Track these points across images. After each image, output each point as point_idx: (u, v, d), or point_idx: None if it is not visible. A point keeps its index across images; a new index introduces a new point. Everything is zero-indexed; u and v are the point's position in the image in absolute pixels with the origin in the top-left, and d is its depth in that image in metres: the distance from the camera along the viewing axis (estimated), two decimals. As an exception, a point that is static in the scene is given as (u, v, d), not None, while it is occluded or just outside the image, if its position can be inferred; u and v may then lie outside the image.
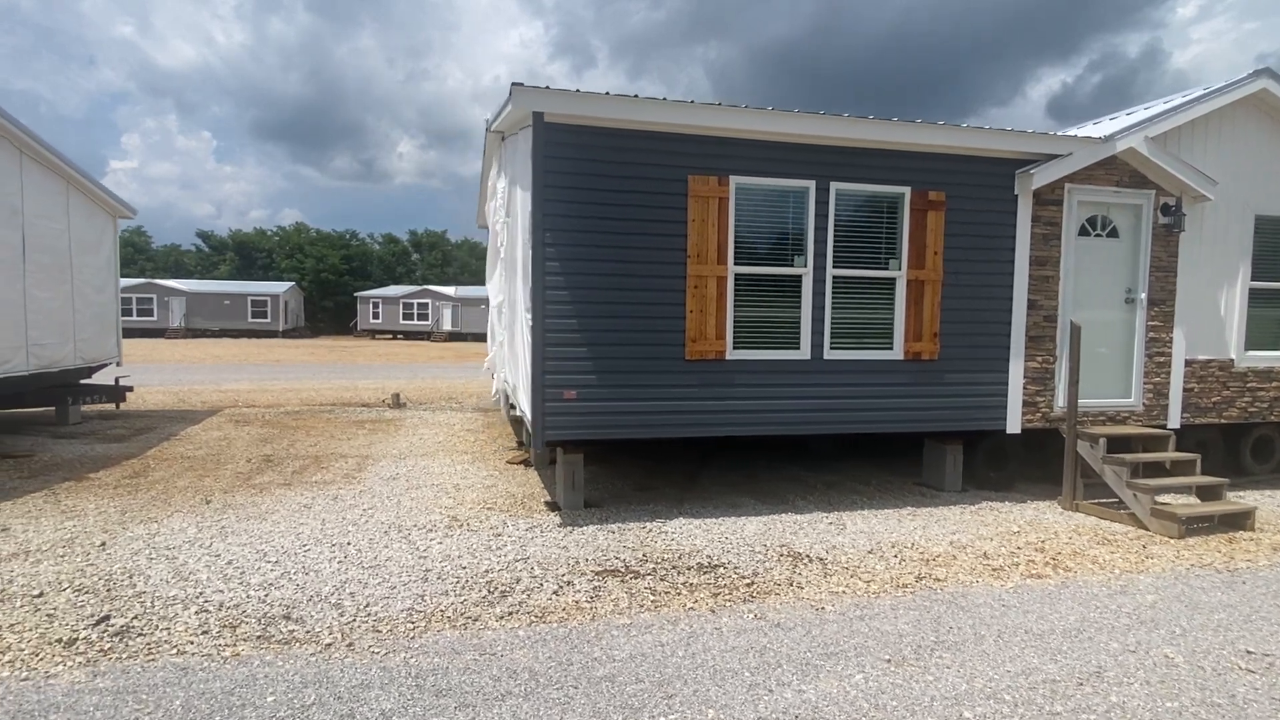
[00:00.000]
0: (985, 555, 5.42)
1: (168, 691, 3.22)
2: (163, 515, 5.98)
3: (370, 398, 14.33)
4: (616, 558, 5.18)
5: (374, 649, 3.69)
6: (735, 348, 6.49)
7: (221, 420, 11.19)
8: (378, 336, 48.18)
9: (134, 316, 42.43)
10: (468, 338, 45.52)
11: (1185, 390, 7.65)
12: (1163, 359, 7.55)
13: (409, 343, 43.32)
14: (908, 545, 5.62)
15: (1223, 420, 7.87)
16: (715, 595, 4.53)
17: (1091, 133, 7.60)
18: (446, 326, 47.34)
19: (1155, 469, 6.87)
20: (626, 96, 5.88)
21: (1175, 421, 7.61)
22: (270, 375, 19.39)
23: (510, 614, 4.18)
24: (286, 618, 4.03)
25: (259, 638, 3.78)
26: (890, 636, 3.98)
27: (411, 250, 71.09)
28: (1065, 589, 4.79)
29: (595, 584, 4.67)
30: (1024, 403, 7.17)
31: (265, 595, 4.33)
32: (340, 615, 4.08)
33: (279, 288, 47.64)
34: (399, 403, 13.33)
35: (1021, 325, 7.10)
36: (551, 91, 5.75)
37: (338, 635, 3.84)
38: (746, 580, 4.79)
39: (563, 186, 5.97)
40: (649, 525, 6.00)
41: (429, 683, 3.36)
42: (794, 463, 8.71)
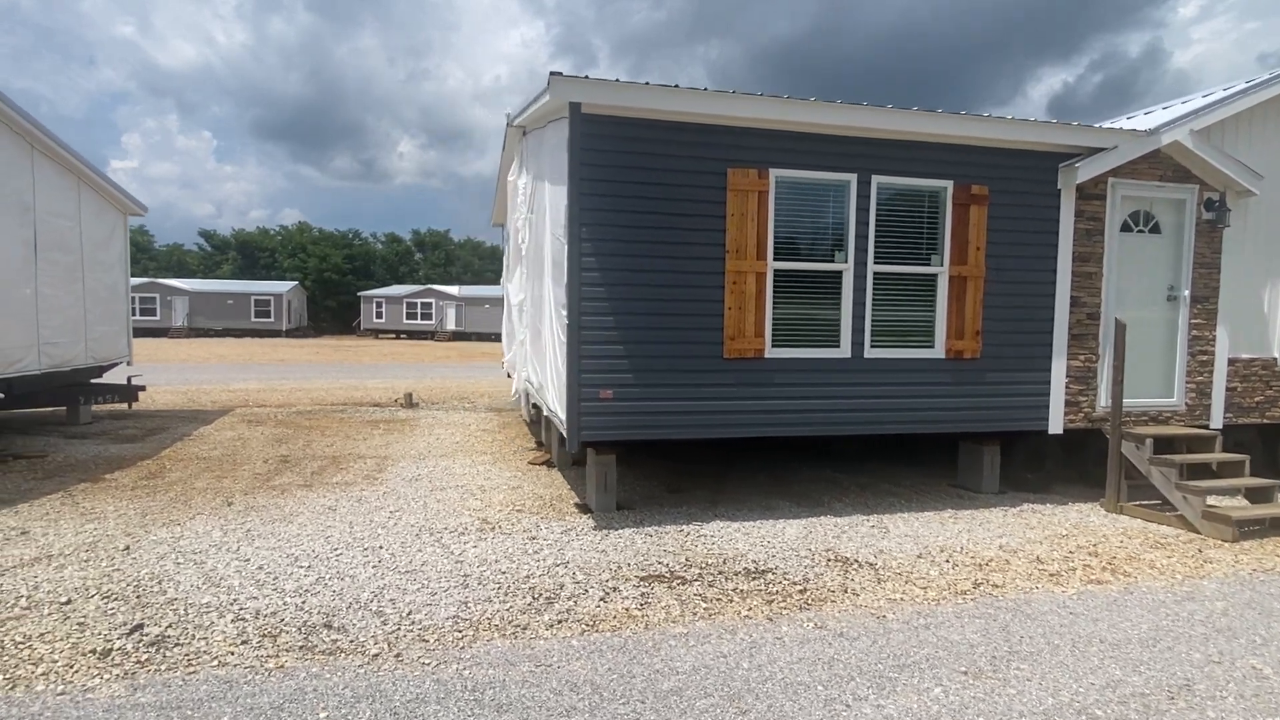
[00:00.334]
0: (1039, 560, 5.25)
1: (214, 707, 3.04)
2: (184, 518, 5.80)
3: (381, 397, 14.13)
4: (659, 562, 5.00)
5: (424, 660, 3.51)
6: (774, 346, 6.30)
7: (234, 420, 11.00)
8: (381, 336, 47.97)
9: (137, 316, 42.03)
10: (471, 337, 45.33)
11: (1228, 390, 7.47)
12: (1205, 357, 7.37)
13: (413, 342, 43.11)
14: (956, 549, 5.44)
15: (1265, 420, 7.69)
16: (769, 603, 4.35)
17: (1134, 126, 7.42)
18: (450, 326, 47.12)
19: (1200, 470, 6.69)
20: (667, 86, 5.70)
21: (1218, 422, 7.43)
22: (277, 375, 19.20)
23: (559, 622, 4.00)
24: (328, 626, 3.85)
25: (301, 648, 3.60)
26: (960, 646, 3.80)
27: (414, 250, 70.87)
28: (1129, 595, 4.61)
29: (642, 590, 4.49)
30: (1066, 402, 6.98)
31: (302, 602, 4.15)
32: (384, 624, 3.89)
33: (282, 287, 47.46)
34: (411, 402, 13.15)
35: (1064, 323, 6.91)
36: (591, 81, 5.57)
37: (384, 645, 3.66)
38: (799, 587, 4.61)
39: (599, 180, 5.78)
40: (686, 528, 5.82)
41: (487, 696, 3.18)
42: (822, 463, 8.53)
